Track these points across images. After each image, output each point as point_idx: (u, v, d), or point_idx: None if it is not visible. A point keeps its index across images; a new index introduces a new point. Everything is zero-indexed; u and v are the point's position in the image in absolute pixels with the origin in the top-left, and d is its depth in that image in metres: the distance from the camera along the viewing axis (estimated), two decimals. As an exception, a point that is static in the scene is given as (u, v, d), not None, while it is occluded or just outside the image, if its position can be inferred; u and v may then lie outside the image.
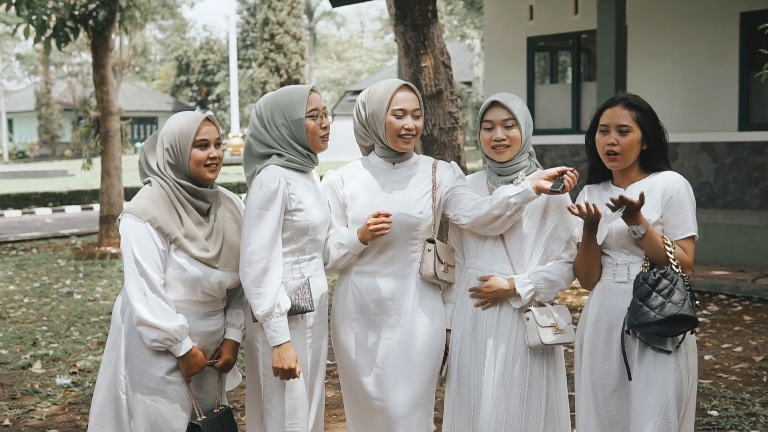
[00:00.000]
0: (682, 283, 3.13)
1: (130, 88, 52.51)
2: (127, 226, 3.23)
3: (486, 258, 3.44)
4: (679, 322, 3.11)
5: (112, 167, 12.61)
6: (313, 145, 3.41)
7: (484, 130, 3.45)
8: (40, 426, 5.20)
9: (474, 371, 3.42)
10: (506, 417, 3.35)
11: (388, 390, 3.42)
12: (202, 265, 3.27)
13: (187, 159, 3.28)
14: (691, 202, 3.26)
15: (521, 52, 13.62)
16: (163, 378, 3.27)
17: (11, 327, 7.83)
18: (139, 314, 3.18)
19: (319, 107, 3.40)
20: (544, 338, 3.31)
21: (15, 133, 53.42)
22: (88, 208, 21.03)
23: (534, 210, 3.41)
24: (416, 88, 3.51)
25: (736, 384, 5.68)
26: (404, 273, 3.46)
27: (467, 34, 41.56)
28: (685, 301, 3.09)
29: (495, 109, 3.42)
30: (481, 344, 3.41)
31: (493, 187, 3.47)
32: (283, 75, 44.88)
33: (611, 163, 3.31)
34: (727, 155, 11.31)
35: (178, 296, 3.28)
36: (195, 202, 3.32)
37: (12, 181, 30.53)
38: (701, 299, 8.34)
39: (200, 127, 3.29)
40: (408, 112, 3.43)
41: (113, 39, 13.24)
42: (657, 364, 3.18)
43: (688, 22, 11.70)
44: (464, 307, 3.48)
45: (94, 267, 11.42)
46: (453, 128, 6.68)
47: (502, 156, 3.42)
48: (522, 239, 3.40)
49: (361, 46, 62.77)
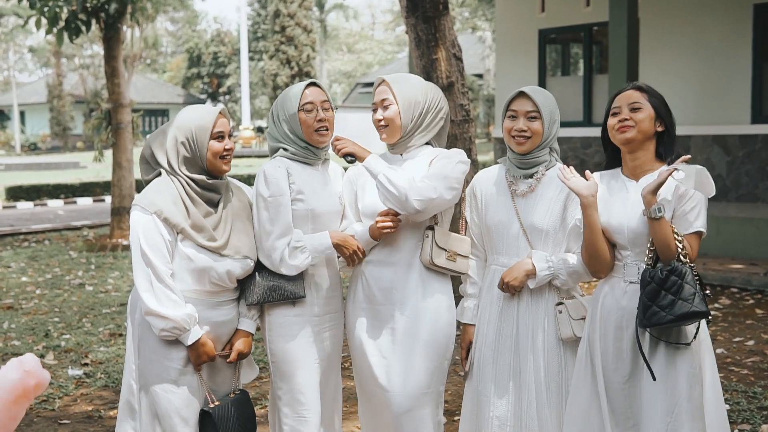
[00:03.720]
0: (691, 276, 3.04)
1: (141, 81, 52.58)
2: (135, 219, 3.30)
3: (510, 254, 3.43)
4: (697, 316, 3.04)
5: (123, 159, 12.65)
6: (310, 138, 3.48)
7: (508, 118, 3.44)
8: (52, 417, 5.23)
9: (497, 368, 3.41)
10: (548, 412, 3.36)
11: (392, 381, 3.43)
12: (210, 254, 3.31)
13: (204, 151, 3.33)
14: (705, 197, 3.17)
15: (533, 45, 13.57)
16: (173, 368, 3.31)
17: (24, 318, 7.87)
18: (146, 304, 3.23)
19: (316, 101, 3.46)
20: (577, 331, 3.32)
21: (27, 125, 53.59)
22: (100, 199, 21.12)
23: (553, 204, 3.39)
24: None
25: (747, 377, 5.66)
26: (409, 262, 3.47)
27: (478, 26, 41.45)
28: (695, 295, 3.01)
29: (521, 99, 3.41)
30: (508, 340, 3.41)
31: (512, 180, 3.46)
32: (294, 67, 44.86)
33: (622, 135, 3.18)
34: (740, 148, 11.25)
35: (186, 286, 3.31)
36: (205, 194, 3.36)
37: (24, 173, 30.67)
38: (713, 292, 8.31)
39: (217, 119, 3.35)
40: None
41: (125, 31, 13.27)
42: (669, 363, 3.12)
43: (701, 14, 11.63)
44: (489, 303, 3.47)
45: (105, 259, 11.46)
46: (464, 121, 6.66)
47: (521, 147, 3.41)
48: (544, 234, 3.38)
49: (371, 38, 62.68)
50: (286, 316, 3.45)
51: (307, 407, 3.43)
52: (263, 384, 5.54)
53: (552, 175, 3.42)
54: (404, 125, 3.46)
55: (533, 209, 3.40)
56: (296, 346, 3.45)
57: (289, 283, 3.40)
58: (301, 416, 3.43)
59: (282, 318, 3.46)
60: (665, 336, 3.12)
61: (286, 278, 3.40)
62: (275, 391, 3.51)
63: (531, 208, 3.40)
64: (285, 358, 3.45)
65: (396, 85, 3.47)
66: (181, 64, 59.89)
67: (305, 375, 3.44)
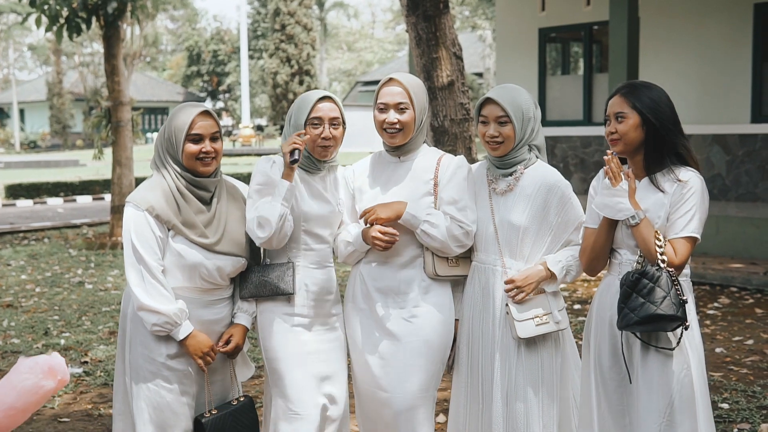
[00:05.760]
0: (667, 280, 3.05)
1: (141, 79, 52.58)
2: (127, 215, 3.34)
3: (488, 251, 3.44)
4: (664, 320, 3.04)
5: (123, 157, 12.63)
6: (313, 151, 3.49)
7: (481, 124, 3.46)
8: (52, 415, 5.23)
9: (485, 362, 3.42)
10: (521, 408, 3.35)
11: (392, 382, 3.43)
12: (201, 250, 3.32)
13: (180, 152, 3.34)
14: (703, 202, 3.16)
15: (533, 43, 13.57)
16: (163, 363, 3.34)
17: (23, 316, 7.87)
18: (138, 299, 3.25)
19: (324, 117, 3.44)
20: (521, 332, 3.31)
21: (27, 123, 53.59)
22: (100, 198, 21.10)
23: (532, 201, 3.38)
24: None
25: (747, 377, 5.66)
26: (410, 264, 3.47)
27: (478, 24, 41.45)
28: (665, 299, 3.02)
29: (490, 105, 3.42)
30: (489, 335, 3.41)
31: (492, 179, 3.48)
32: (293, 65, 44.88)
33: (613, 147, 3.25)
34: (740, 147, 11.25)
35: (177, 283, 3.34)
36: (196, 191, 3.37)
37: (24, 170, 30.64)
38: (713, 292, 8.32)
39: (194, 121, 3.34)
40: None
41: (124, 29, 13.25)
42: (659, 365, 3.14)
43: (702, 14, 11.63)
44: (471, 299, 3.48)
45: (105, 257, 11.46)
46: (464, 119, 6.66)
47: (495, 152, 3.43)
48: (522, 231, 3.38)
49: (372, 37, 62.68)
50: (276, 313, 3.47)
51: (299, 404, 3.42)
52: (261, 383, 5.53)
53: (531, 173, 3.42)
54: (415, 128, 3.48)
55: (512, 207, 3.40)
56: (286, 345, 3.46)
57: (279, 280, 3.42)
58: (294, 413, 3.42)
59: (272, 315, 3.48)
60: (647, 338, 3.14)
61: (276, 275, 3.43)
62: (271, 387, 3.52)
63: (509, 206, 3.41)
64: (275, 356, 3.47)
65: (412, 89, 3.45)
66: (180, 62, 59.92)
67: (296, 372, 3.44)
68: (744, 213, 9.85)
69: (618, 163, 3.18)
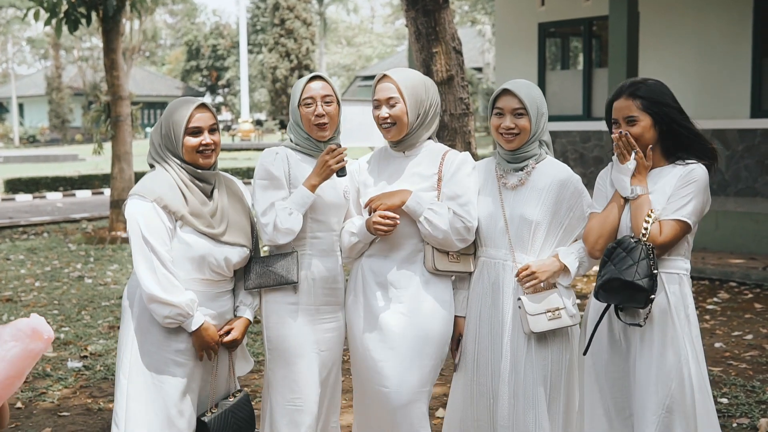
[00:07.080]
0: (641, 253, 3.09)
1: (140, 73, 52.54)
2: (134, 207, 3.28)
3: (498, 246, 3.43)
4: (628, 288, 3.08)
5: (122, 152, 12.63)
6: (310, 132, 3.51)
7: (495, 116, 3.44)
8: (51, 409, 5.23)
9: (493, 358, 3.41)
10: (529, 403, 3.35)
11: (390, 376, 3.42)
12: (209, 240, 3.33)
13: (180, 146, 3.33)
14: (702, 192, 3.24)
15: (532, 38, 13.56)
16: (173, 359, 3.32)
17: (23, 311, 7.87)
18: (150, 291, 3.22)
19: (316, 95, 3.47)
20: (534, 326, 3.30)
21: (26, 117, 53.55)
22: (99, 192, 21.10)
23: (544, 195, 3.38)
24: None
25: (746, 372, 5.67)
26: (411, 259, 3.47)
27: (478, 19, 41.40)
28: (631, 267, 3.06)
29: (506, 96, 3.40)
30: (499, 330, 3.40)
31: (502, 174, 3.47)
32: (293, 60, 44.84)
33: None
34: (739, 142, 11.26)
35: (185, 275, 3.32)
36: (198, 184, 3.38)
37: (23, 165, 30.64)
38: (712, 287, 8.33)
39: (192, 114, 3.35)
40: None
41: (124, 24, 13.25)
42: (659, 356, 3.16)
43: (701, 9, 11.62)
44: (480, 295, 3.46)
45: (104, 251, 11.46)
46: (464, 114, 6.66)
47: (510, 144, 3.41)
48: (534, 226, 3.37)
49: (371, 32, 62.60)
50: (281, 303, 3.48)
51: (300, 395, 3.44)
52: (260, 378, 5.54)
53: (542, 168, 3.42)
54: (410, 123, 3.46)
55: (523, 201, 3.39)
56: (291, 334, 3.46)
57: (283, 269, 3.43)
58: (294, 404, 3.44)
59: (277, 305, 3.49)
60: (623, 316, 3.21)
61: (280, 264, 3.43)
62: (269, 379, 3.52)
63: (521, 201, 3.40)
64: (279, 346, 3.47)
65: (402, 82, 3.44)
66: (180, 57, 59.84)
67: (300, 363, 3.45)
68: (743, 208, 9.86)
69: (627, 143, 3.22)
